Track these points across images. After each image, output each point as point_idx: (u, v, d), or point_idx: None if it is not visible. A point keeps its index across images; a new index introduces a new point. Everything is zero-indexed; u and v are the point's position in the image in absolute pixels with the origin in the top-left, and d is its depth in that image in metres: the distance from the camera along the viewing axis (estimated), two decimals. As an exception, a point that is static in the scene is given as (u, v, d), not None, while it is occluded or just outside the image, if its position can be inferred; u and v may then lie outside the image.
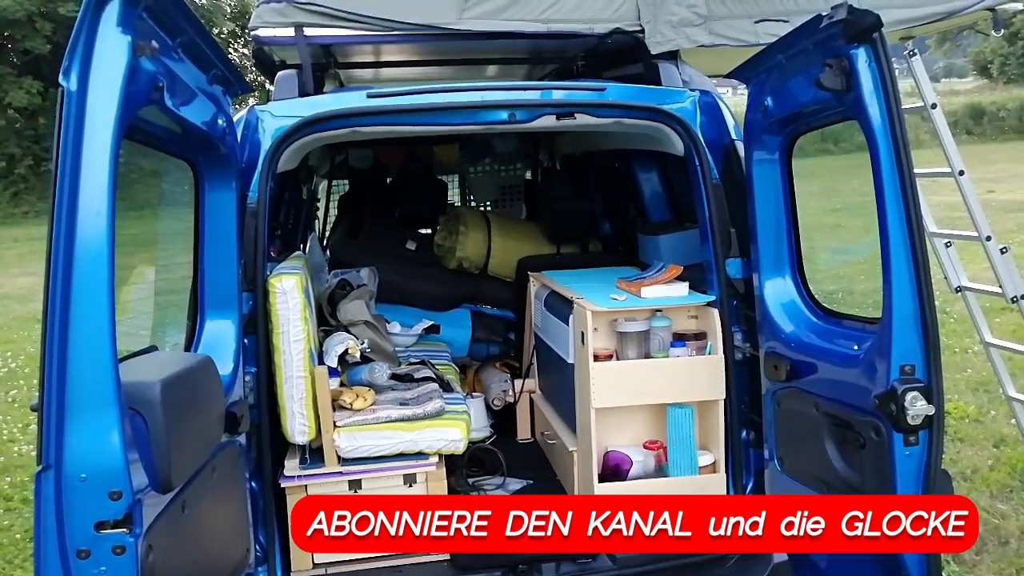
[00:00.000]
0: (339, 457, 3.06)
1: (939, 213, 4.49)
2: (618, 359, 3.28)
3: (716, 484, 3.15)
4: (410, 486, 3.11)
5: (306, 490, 3.04)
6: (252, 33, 3.33)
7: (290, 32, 3.25)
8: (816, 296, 2.92)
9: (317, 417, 3.02)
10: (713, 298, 3.15)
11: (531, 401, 4.27)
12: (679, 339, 3.25)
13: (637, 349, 3.27)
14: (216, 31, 24.69)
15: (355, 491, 3.08)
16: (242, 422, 2.63)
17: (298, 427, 3.00)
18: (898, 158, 2.19)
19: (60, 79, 1.70)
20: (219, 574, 2.46)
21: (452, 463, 3.35)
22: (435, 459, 3.12)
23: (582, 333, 3.30)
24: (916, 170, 2.23)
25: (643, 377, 3.21)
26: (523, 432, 4.27)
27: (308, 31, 3.26)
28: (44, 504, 1.71)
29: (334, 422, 3.06)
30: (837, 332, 2.70)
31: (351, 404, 3.14)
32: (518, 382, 4.27)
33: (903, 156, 2.18)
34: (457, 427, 3.14)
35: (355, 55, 4.13)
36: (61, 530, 1.71)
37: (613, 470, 3.24)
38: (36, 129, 21.48)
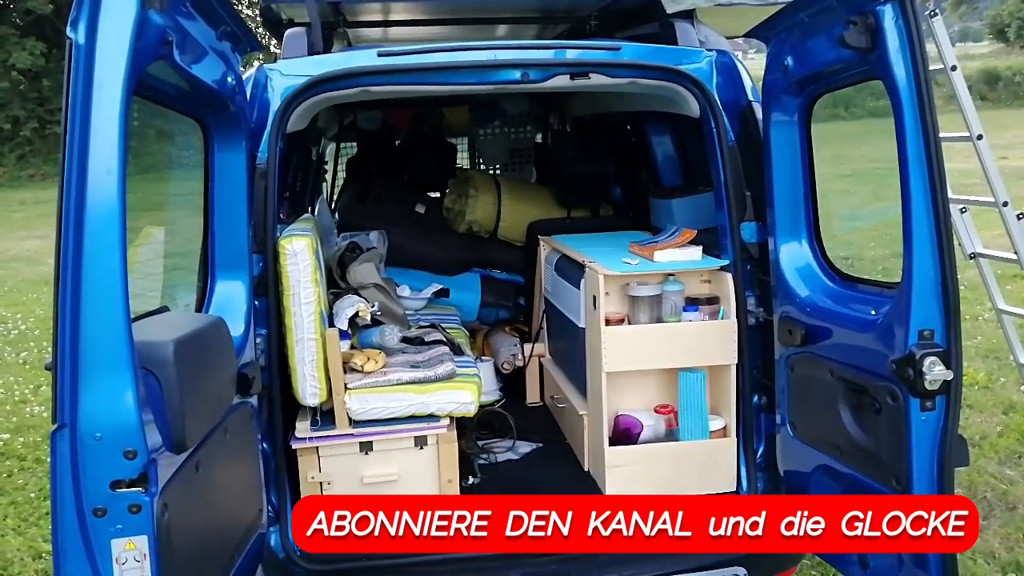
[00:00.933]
0: (350, 419, 3.06)
1: (952, 180, 4.41)
2: (630, 323, 3.27)
3: (726, 448, 3.15)
4: (421, 448, 3.12)
5: (317, 452, 3.05)
6: (260, -11, 3.27)
7: (299, -12, 3.19)
8: (832, 260, 2.88)
9: (328, 379, 3.02)
10: (727, 262, 3.11)
11: (540, 365, 4.26)
12: (692, 303, 3.22)
13: (649, 313, 3.25)
14: (220, -9, 24.32)
15: (366, 453, 3.09)
16: (254, 384, 2.62)
17: (309, 389, 3.00)
18: (923, 118, 2.14)
19: (67, 31, 1.66)
20: (233, 533, 2.47)
21: (462, 426, 3.36)
22: (446, 421, 3.12)
23: (594, 297, 3.27)
24: (939, 132, 2.18)
25: (655, 341, 3.19)
26: (532, 396, 4.28)
27: (317, -13, 3.20)
28: (60, 463, 1.71)
29: (345, 384, 3.05)
30: (853, 297, 2.67)
31: (362, 367, 3.14)
32: (527, 346, 4.26)
33: (928, 116, 2.13)
34: (468, 390, 3.14)
35: (364, 13, 4.06)
36: (77, 489, 1.72)
37: (624, 434, 3.24)
38: (40, 91, 21.30)
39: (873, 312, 2.46)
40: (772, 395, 2.99)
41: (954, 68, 3.87)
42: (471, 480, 3.33)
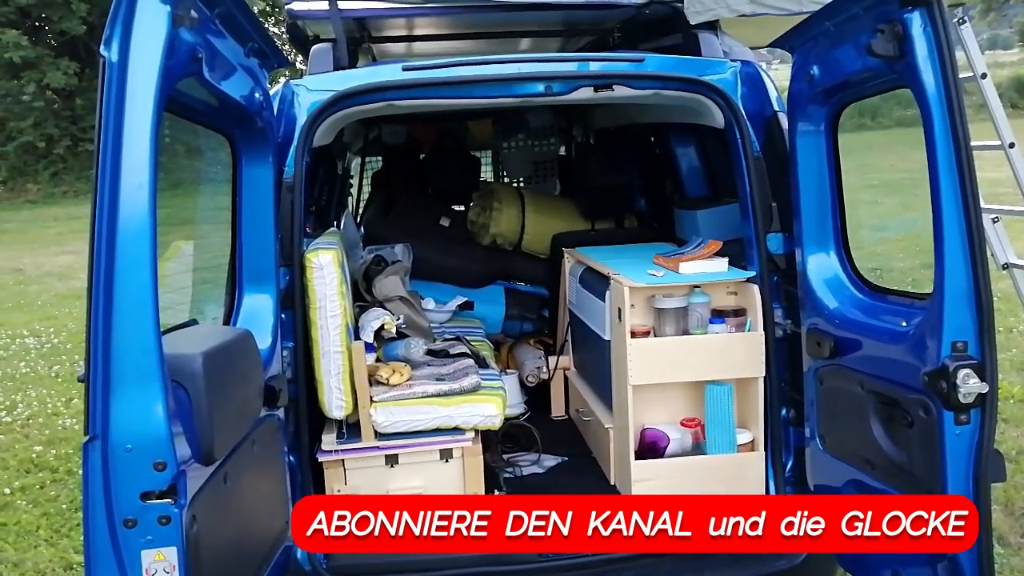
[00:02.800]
0: (376, 432, 3.07)
1: (983, 189, 4.34)
2: (655, 336, 3.24)
3: (755, 462, 3.11)
4: (446, 461, 3.12)
5: (343, 465, 3.06)
6: (286, 7, 3.32)
7: (324, 5, 3.23)
8: (861, 271, 2.84)
9: (354, 392, 3.04)
10: (753, 274, 3.08)
11: (565, 378, 4.25)
12: (718, 315, 3.20)
13: (675, 325, 3.23)
14: (248, 10, 24.74)
15: (392, 466, 3.10)
16: (280, 396, 2.64)
17: (335, 402, 3.02)
18: (954, 127, 2.10)
19: (101, 49, 1.70)
20: (260, 545, 2.48)
21: (487, 439, 3.35)
22: (471, 434, 3.12)
23: (619, 309, 3.26)
24: (969, 141, 2.14)
25: (681, 354, 3.17)
26: (557, 409, 4.26)
27: (342, 4, 3.24)
28: (92, 474, 1.74)
29: (371, 397, 3.06)
30: (883, 308, 2.63)
31: (387, 379, 3.15)
32: (552, 359, 4.25)
33: (959, 125, 2.10)
34: (493, 403, 3.14)
35: (388, 28, 4.10)
36: (108, 500, 1.74)
37: (650, 447, 3.21)
38: (73, 110, 21.79)
39: (904, 324, 2.42)
40: (800, 408, 2.95)
41: (984, 76, 3.84)
42: (496, 493, 3.32)
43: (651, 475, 3.13)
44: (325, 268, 2.94)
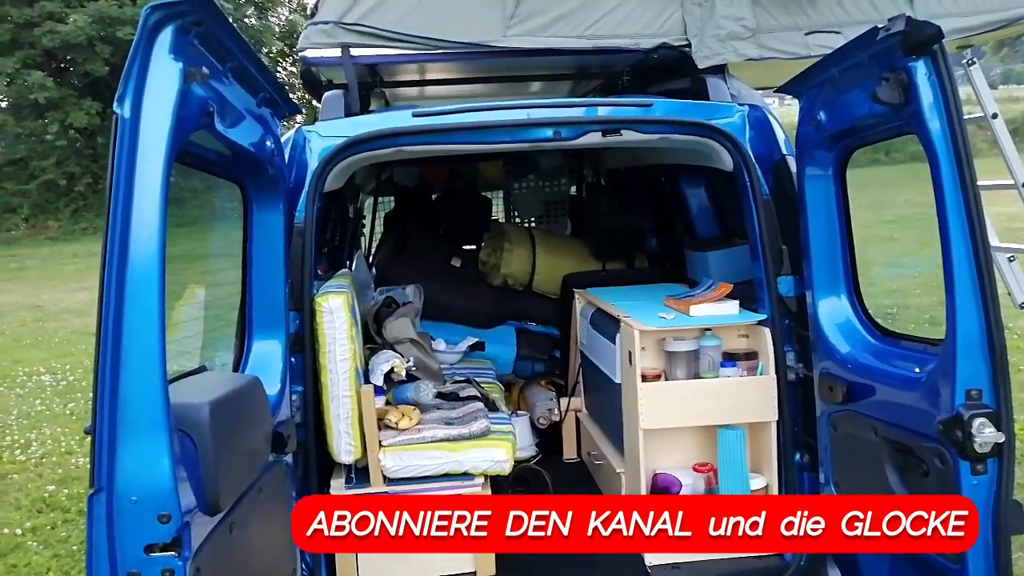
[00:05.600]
0: (385, 477, 3.05)
1: (1000, 224, 4.32)
2: (667, 379, 3.22)
3: (769, 508, 3.06)
4: (455, 506, 3.08)
5: (352, 509, 3.03)
6: (300, 54, 3.38)
7: (337, 53, 3.29)
8: (872, 315, 2.82)
9: (363, 436, 3.02)
10: (764, 317, 3.07)
11: (577, 420, 4.21)
12: (729, 359, 3.17)
13: (686, 369, 3.21)
14: (265, 51, 25.26)
15: (400, 511, 3.07)
16: (289, 442, 2.63)
17: (344, 446, 3.01)
18: (961, 173, 2.10)
19: (114, 106, 1.73)
20: (266, 593, 2.46)
21: (497, 483, 3.31)
22: (480, 479, 3.09)
23: (629, 352, 3.24)
24: (978, 182, 2.14)
25: (693, 398, 3.14)
26: (569, 452, 4.22)
27: (354, 51, 3.30)
28: (96, 526, 1.73)
29: (380, 441, 3.05)
30: (896, 353, 2.60)
31: (397, 423, 3.14)
32: (564, 400, 4.22)
33: (966, 172, 2.09)
34: (503, 447, 3.11)
35: (400, 74, 4.17)
36: (112, 552, 1.73)
37: (662, 492, 3.17)
38: (95, 148, 22.23)
39: (917, 370, 2.39)
40: (814, 453, 2.91)
41: (995, 116, 3.84)
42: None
43: (663, 521, 3.08)
44: (335, 312, 2.95)
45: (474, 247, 5.14)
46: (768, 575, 2.87)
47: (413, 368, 3.47)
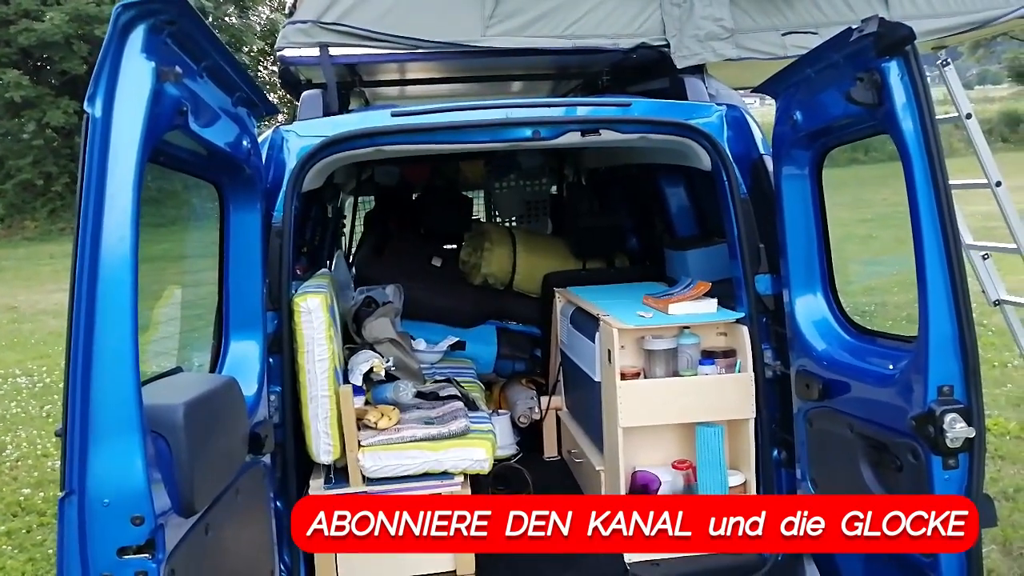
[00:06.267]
0: (364, 476, 3.04)
1: (975, 223, 4.38)
2: (646, 377, 3.23)
3: (747, 505, 3.08)
4: (435, 506, 3.08)
5: (331, 510, 3.02)
6: (278, 53, 3.36)
7: (315, 52, 3.27)
8: (848, 312, 2.85)
9: (342, 436, 3.01)
10: (742, 315, 3.09)
11: (557, 418, 4.22)
12: (708, 357, 3.19)
13: (665, 367, 3.22)
14: (246, 50, 25.07)
15: (380, 511, 3.06)
16: (266, 442, 2.62)
17: (323, 446, 2.99)
18: (933, 174, 2.13)
19: (85, 105, 1.71)
20: (244, 595, 2.45)
21: (477, 481, 3.31)
22: (460, 479, 3.09)
23: (609, 351, 3.25)
24: (951, 181, 2.17)
25: (671, 396, 3.16)
26: (550, 450, 4.23)
27: (333, 51, 3.28)
28: (67, 529, 1.71)
29: (359, 441, 3.04)
30: (871, 350, 2.63)
31: (376, 423, 3.13)
32: (544, 399, 4.23)
33: (938, 172, 2.12)
34: (482, 447, 3.11)
35: (380, 73, 4.15)
36: (84, 556, 1.71)
37: (641, 490, 3.18)
38: (72, 148, 21.97)
39: (891, 367, 2.42)
40: (792, 449, 2.94)
41: (969, 116, 3.88)
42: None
43: (642, 519, 3.09)
44: (313, 312, 2.93)
45: (455, 247, 5.13)
46: (747, 571, 2.89)
47: (393, 368, 3.46)
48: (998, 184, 3.76)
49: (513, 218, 5.84)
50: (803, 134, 2.67)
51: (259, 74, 24.69)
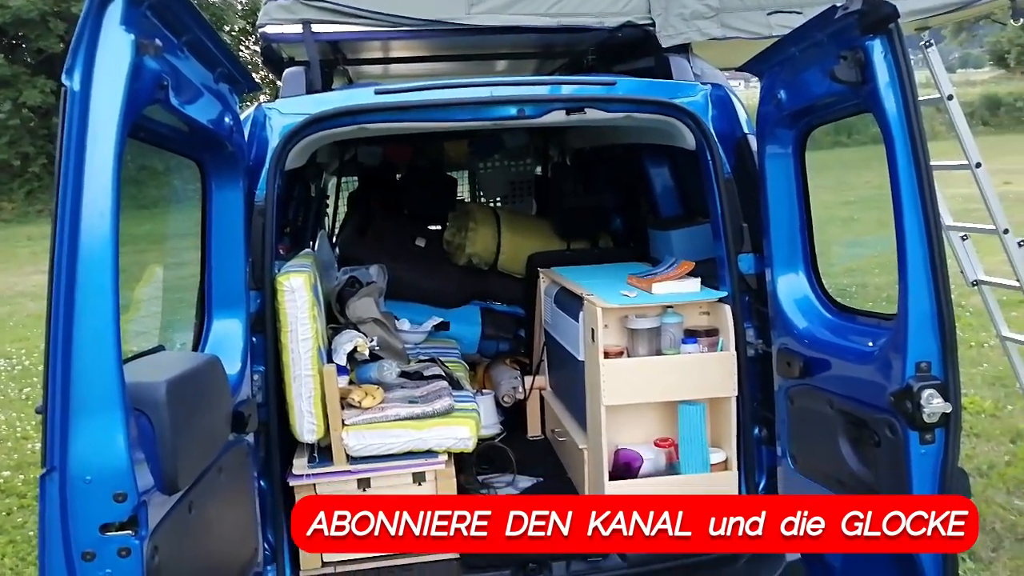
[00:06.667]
0: (348, 456, 3.05)
1: (955, 205, 4.43)
2: (629, 356, 3.25)
3: (728, 482, 3.12)
4: (419, 484, 3.10)
5: (315, 489, 3.03)
6: (260, 30, 3.32)
7: (298, 29, 3.24)
8: (830, 291, 2.87)
9: (326, 415, 3.01)
10: (725, 294, 3.11)
11: (541, 398, 4.24)
12: (691, 335, 3.21)
13: (648, 346, 3.24)
14: (228, 28, 24.71)
15: (364, 490, 3.07)
16: (250, 421, 2.61)
17: (307, 426, 2.99)
18: (915, 152, 2.14)
19: (63, 78, 1.68)
20: (227, 574, 2.45)
21: (462, 461, 3.33)
22: (444, 457, 3.10)
23: (592, 330, 3.27)
24: (932, 163, 2.19)
25: (654, 374, 3.17)
26: (533, 429, 4.25)
27: (316, 27, 3.24)
28: (49, 506, 1.70)
29: (343, 420, 3.04)
30: (851, 328, 2.66)
31: (360, 402, 3.13)
32: (528, 379, 4.24)
33: (920, 150, 2.14)
34: (466, 425, 3.12)
35: (363, 51, 4.11)
36: (66, 532, 1.70)
37: (624, 468, 3.21)
38: (49, 128, 21.60)
39: (871, 344, 2.45)
40: (773, 427, 2.97)
41: (951, 97, 3.91)
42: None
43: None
44: (296, 291, 2.92)
45: (439, 227, 5.12)
46: (724, 560, 2.91)
47: (376, 347, 3.46)
48: (978, 165, 3.80)
49: (498, 198, 5.83)
50: (787, 113, 2.67)
51: (241, 53, 24.36)
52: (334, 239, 5.41)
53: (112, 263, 1.72)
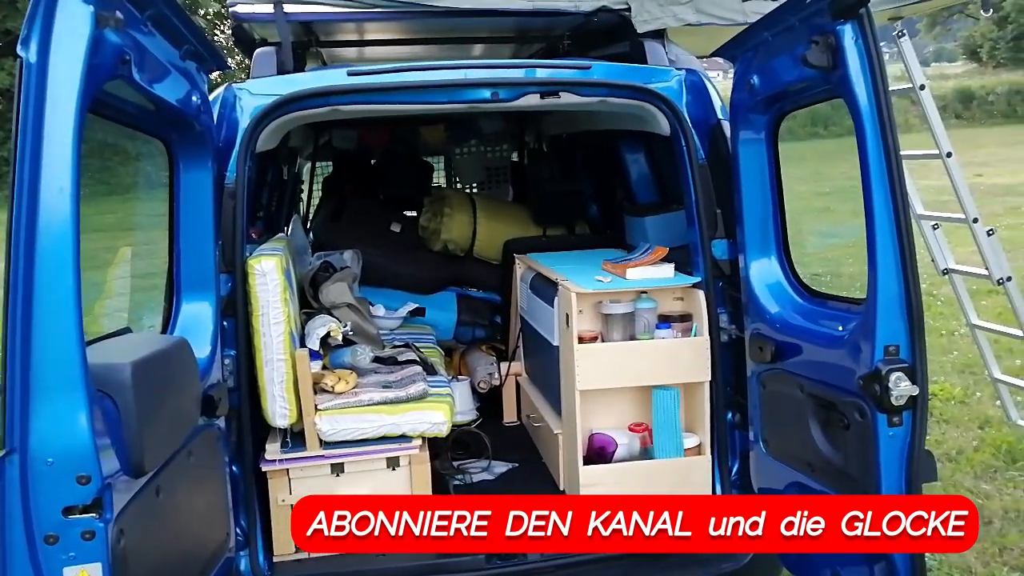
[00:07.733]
0: (321, 440, 3.02)
1: (928, 196, 4.47)
2: (603, 341, 3.26)
3: (701, 466, 3.14)
4: (393, 469, 3.09)
5: (288, 474, 3.01)
6: (231, 9, 3.27)
7: (269, 8, 3.19)
8: (802, 277, 2.89)
9: (298, 400, 2.98)
10: (699, 279, 3.12)
11: (517, 384, 4.24)
12: (664, 321, 3.22)
13: (622, 331, 3.24)
14: (201, 12, 24.32)
15: (337, 475, 3.05)
16: (220, 405, 2.58)
17: (279, 410, 2.96)
18: (884, 136, 2.16)
19: (18, 49, 1.64)
20: (197, 559, 2.42)
21: (436, 446, 3.32)
22: (418, 442, 3.09)
23: (567, 315, 3.27)
24: (904, 152, 2.20)
25: (628, 359, 3.18)
26: (509, 415, 4.25)
27: (288, 7, 3.20)
28: (9, 489, 1.67)
29: (315, 405, 3.02)
30: (822, 313, 2.68)
31: (333, 387, 3.10)
32: (504, 365, 4.24)
33: (889, 134, 2.15)
34: (440, 410, 3.11)
35: (337, 33, 4.06)
36: (28, 516, 1.67)
37: (598, 452, 3.22)
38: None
39: (840, 328, 2.47)
40: (746, 412, 2.99)
41: (922, 87, 3.93)
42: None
43: (599, 480, 3.14)
44: (268, 275, 2.89)
45: (414, 213, 5.09)
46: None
47: (350, 332, 3.44)
48: (948, 155, 3.83)
49: (474, 184, 5.80)
50: (760, 98, 2.68)
51: (215, 38, 24.00)
52: (308, 224, 5.35)
53: (73, 240, 1.68)
